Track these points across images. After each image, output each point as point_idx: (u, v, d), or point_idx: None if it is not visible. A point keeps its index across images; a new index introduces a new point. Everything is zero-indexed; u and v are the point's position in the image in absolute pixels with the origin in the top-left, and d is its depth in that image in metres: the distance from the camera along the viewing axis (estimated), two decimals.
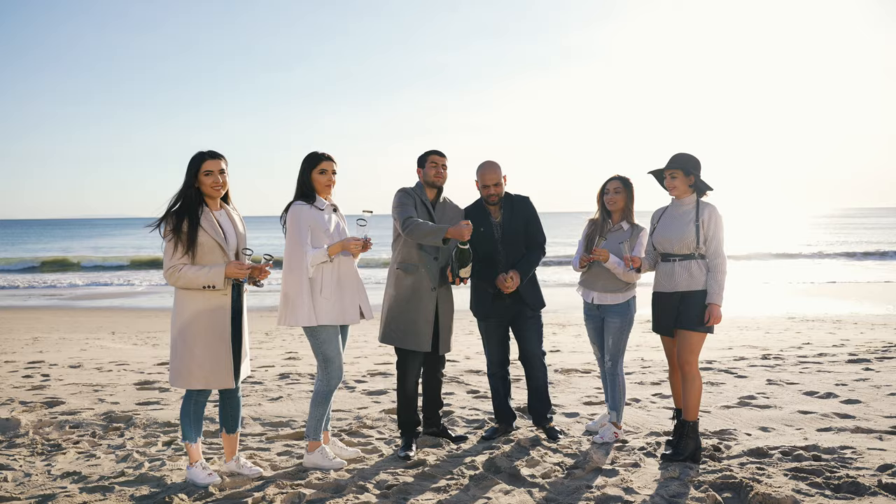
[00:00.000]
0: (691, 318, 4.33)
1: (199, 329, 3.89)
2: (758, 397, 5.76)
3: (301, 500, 3.71)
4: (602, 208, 4.87)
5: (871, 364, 6.98)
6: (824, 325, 11.82)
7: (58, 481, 4.11)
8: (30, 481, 4.12)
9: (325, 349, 4.19)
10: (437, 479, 4.01)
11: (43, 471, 4.30)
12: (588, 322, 4.95)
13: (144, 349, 10.61)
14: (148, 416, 5.52)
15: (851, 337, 9.83)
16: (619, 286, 4.73)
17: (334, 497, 3.73)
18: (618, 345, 4.75)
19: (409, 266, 4.60)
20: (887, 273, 24.22)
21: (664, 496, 3.72)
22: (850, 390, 5.90)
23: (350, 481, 3.96)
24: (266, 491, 3.82)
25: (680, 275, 4.38)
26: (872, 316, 13.00)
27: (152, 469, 4.27)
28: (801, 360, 7.36)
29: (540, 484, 3.92)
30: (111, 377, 7.42)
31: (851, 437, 4.65)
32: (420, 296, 4.57)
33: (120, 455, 4.58)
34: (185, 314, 3.91)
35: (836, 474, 3.91)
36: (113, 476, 4.17)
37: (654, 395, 5.98)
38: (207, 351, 3.89)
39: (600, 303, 4.79)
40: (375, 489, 3.85)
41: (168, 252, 3.87)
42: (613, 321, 4.74)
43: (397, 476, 4.07)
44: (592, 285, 4.82)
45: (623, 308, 4.74)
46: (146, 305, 18.22)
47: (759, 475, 3.94)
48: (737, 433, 4.81)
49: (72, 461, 4.49)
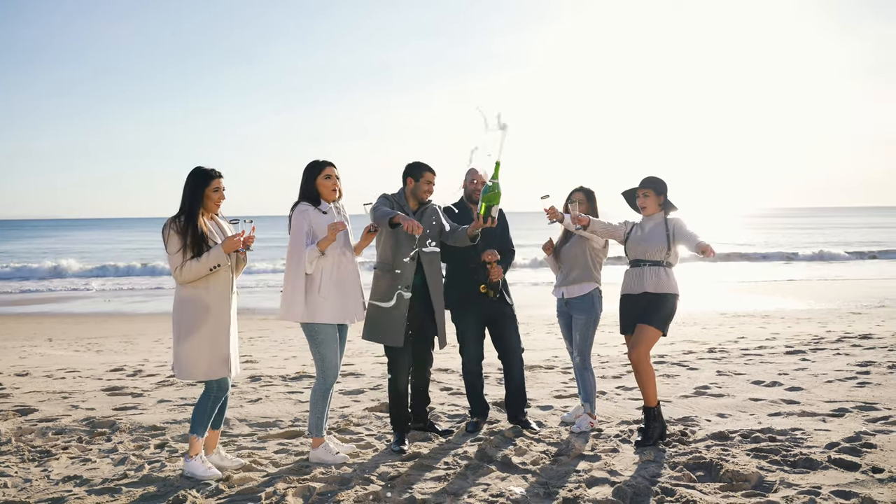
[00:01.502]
0: (654, 316, 4.74)
1: (202, 322, 4.12)
2: (711, 387, 6.25)
3: (311, 493, 3.90)
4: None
5: (807, 355, 7.63)
6: (754, 319, 12.64)
7: (60, 485, 4.17)
8: (31, 486, 4.16)
9: (321, 348, 4.40)
10: (435, 469, 4.27)
11: (41, 476, 4.34)
12: (560, 319, 5.32)
13: (89, 356, 10.42)
14: (131, 421, 5.56)
15: (780, 330, 10.59)
16: (583, 278, 5.09)
17: (342, 489, 3.94)
18: (585, 340, 5.09)
19: (385, 266, 4.80)
20: (809, 271, 25.82)
21: (645, 476, 4.10)
22: (792, 379, 6.47)
23: (354, 475, 4.17)
24: (276, 486, 4.00)
25: (649, 278, 4.79)
26: (797, 311, 13.95)
27: (153, 470, 4.37)
28: (744, 352, 7.96)
29: (531, 470, 4.24)
30: (72, 384, 7.34)
31: (799, 420, 5.15)
32: (394, 295, 4.74)
33: (116, 458, 4.65)
34: (187, 310, 4.13)
35: (792, 452, 4.37)
36: (116, 478, 4.25)
37: (617, 387, 6.40)
38: (209, 343, 4.12)
39: (568, 297, 5.16)
40: (380, 480, 4.08)
41: (175, 255, 4.08)
42: (579, 318, 5.09)
43: (397, 468, 4.31)
44: (563, 281, 5.19)
45: (587, 303, 5.08)
46: (80, 311, 17.70)
47: (724, 455, 4.36)
48: (698, 419, 5.25)
49: (67, 466, 4.53)
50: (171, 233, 4.11)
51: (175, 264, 4.08)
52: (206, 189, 4.15)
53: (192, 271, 4.07)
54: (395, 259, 4.75)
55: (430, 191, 4.88)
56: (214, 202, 4.20)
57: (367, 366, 7.96)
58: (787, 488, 3.84)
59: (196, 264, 4.07)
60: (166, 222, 4.16)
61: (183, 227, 4.11)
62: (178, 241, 4.09)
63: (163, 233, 4.14)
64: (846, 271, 25.41)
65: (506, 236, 5.26)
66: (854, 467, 4.12)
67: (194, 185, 4.15)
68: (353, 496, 3.81)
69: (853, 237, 47.13)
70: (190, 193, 4.15)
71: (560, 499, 3.78)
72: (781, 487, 3.85)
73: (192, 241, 4.09)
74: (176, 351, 4.14)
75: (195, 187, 4.15)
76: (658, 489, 3.86)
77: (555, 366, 7.51)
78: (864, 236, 47.47)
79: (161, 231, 4.16)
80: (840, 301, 15.75)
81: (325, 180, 4.45)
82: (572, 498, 3.78)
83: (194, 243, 4.09)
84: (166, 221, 4.16)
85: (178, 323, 4.15)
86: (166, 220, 4.17)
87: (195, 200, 4.14)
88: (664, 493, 3.80)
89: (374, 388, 6.65)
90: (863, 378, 6.37)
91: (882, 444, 4.49)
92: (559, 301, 5.28)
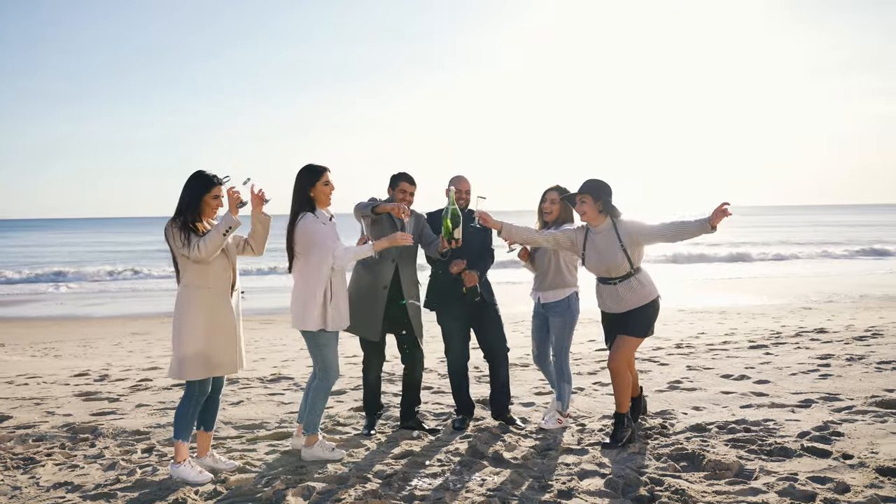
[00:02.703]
0: (633, 327, 4.73)
1: (205, 321, 4.15)
2: (683, 381, 6.49)
3: (311, 492, 3.95)
4: (540, 217, 5.35)
5: (770, 349, 7.96)
6: (712, 316, 13.08)
7: (52, 492, 4.13)
8: (22, 493, 4.11)
9: (325, 352, 4.46)
10: (430, 466, 4.36)
11: (30, 483, 4.28)
12: (534, 320, 5.44)
13: (48, 361, 10.21)
14: (113, 426, 5.51)
15: (738, 326, 10.99)
16: (558, 284, 5.22)
17: (342, 487, 4.00)
18: (561, 342, 5.21)
19: (366, 262, 4.98)
20: (761, 268, 26.70)
21: (632, 468, 4.26)
22: (759, 372, 6.76)
23: (350, 473, 4.23)
24: (275, 486, 4.03)
25: (625, 295, 4.70)
26: (751, 307, 14.45)
27: (146, 474, 4.36)
28: (710, 347, 8.25)
29: (523, 464, 4.37)
30: (38, 390, 7.20)
31: (770, 412, 5.40)
32: (374, 291, 4.97)
33: (105, 464, 4.61)
34: (189, 308, 4.15)
35: (767, 442, 4.60)
36: (109, 483, 4.23)
37: (594, 383, 6.59)
38: (212, 345, 4.16)
39: (545, 301, 5.28)
40: (377, 478, 4.15)
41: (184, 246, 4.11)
42: (556, 321, 5.21)
43: (392, 466, 4.38)
44: (540, 287, 5.32)
45: (564, 307, 5.19)
46: (31, 315, 17.20)
47: (705, 446, 4.56)
48: (675, 413, 5.46)
49: (55, 472, 4.48)
50: (174, 230, 4.13)
51: (189, 247, 4.08)
52: (206, 196, 4.16)
53: (209, 243, 4.06)
54: (376, 259, 4.94)
55: (405, 200, 5.06)
56: (213, 208, 4.20)
57: (343, 367, 7.99)
58: (767, 475, 4.04)
59: (209, 236, 4.08)
60: (167, 224, 4.17)
61: (182, 224, 4.13)
62: (181, 234, 4.12)
63: (165, 234, 4.15)
64: (797, 268, 26.37)
65: (488, 239, 5.39)
66: (826, 454, 4.36)
67: (194, 189, 4.15)
68: (354, 494, 3.88)
69: (811, 236, 48.70)
70: (189, 197, 4.15)
71: (555, 491, 3.91)
72: (762, 475, 4.06)
73: (193, 230, 4.15)
74: (182, 351, 4.15)
75: (195, 192, 4.15)
76: (647, 479, 4.03)
77: (529, 363, 7.66)
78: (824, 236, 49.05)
79: (164, 234, 4.16)
80: (791, 297, 16.36)
81: (324, 187, 4.47)
82: (567, 490, 3.91)
83: (195, 231, 4.15)
84: (167, 223, 4.17)
85: (178, 323, 4.17)
86: (167, 223, 4.18)
87: (193, 205, 4.15)
88: (653, 483, 3.97)
89: (354, 388, 6.69)
90: (824, 370, 6.69)
91: (849, 433, 4.75)
92: (536, 304, 5.40)
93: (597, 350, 8.50)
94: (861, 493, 3.74)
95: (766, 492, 3.81)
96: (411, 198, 5.09)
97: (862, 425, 4.91)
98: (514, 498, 3.83)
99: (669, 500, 3.73)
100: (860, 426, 4.90)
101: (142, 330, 13.84)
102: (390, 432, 5.16)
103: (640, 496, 3.82)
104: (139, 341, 12.25)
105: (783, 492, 3.78)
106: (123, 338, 12.78)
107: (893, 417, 5.05)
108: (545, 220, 5.30)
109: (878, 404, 5.41)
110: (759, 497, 3.74)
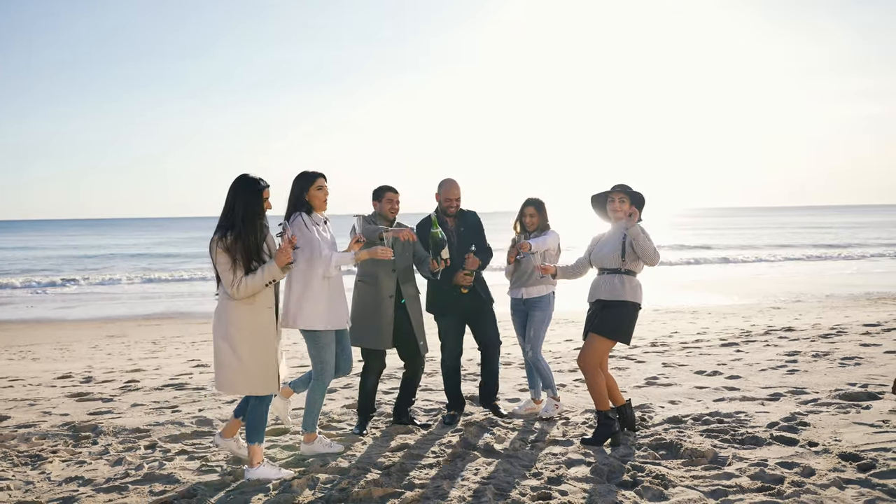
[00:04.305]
0: (603, 325, 4.92)
1: (248, 339, 4.18)
2: (659, 378, 6.82)
3: (315, 483, 4.18)
4: (522, 227, 5.75)
5: (740, 347, 8.34)
6: (684, 315, 13.51)
7: (64, 486, 4.30)
8: (35, 488, 4.27)
9: (323, 352, 4.68)
10: (425, 458, 4.61)
11: (41, 479, 4.44)
12: (515, 317, 5.78)
13: (25, 364, 10.25)
14: (113, 425, 5.66)
15: (710, 325, 11.40)
16: (541, 282, 5.61)
17: (344, 478, 4.23)
18: (538, 335, 5.61)
19: (369, 278, 5.23)
20: (732, 270, 27.33)
21: (616, 457, 4.56)
22: (730, 369, 7.12)
23: (350, 466, 4.47)
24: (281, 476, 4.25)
25: (603, 285, 4.98)
26: (722, 307, 14.93)
27: (153, 469, 4.54)
28: (683, 345, 8.62)
29: (513, 455, 4.64)
30: (27, 392, 7.29)
31: (741, 405, 5.74)
32: (380, 302, 5.20)
33: (111, 459, 4.78)
34: (233, 325, 4.17)
35: (739, 431, 4.93)
36: (119, 477, 4.41)
37: (575, 380, 6.89)
38: (255, 360, 4.20)
39: (528, 297, 5.64)
40: (377, 469, 4.39)
41: (227, 273, 4.09)
42: (536, 314, 5.61)
43: (389, 458, 4.63)
44: (523, 283, 5.65)
45: (545, 303, 5.63)
46: (1, 318, 17.06)
47: (682, 437, 4.88)
48: (653, 406, 5.78)
49: (64, 468, 4.65)
50: (219, 250, 4.07)
51: (228, 281, 4.07)
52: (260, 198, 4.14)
53: (248, 287, 4.07)
54: (378, 272, 5.19)
55: (393, 209, 5.32)
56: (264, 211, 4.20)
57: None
58: (740, 462, 4.36)
59: (251, 280, 4.07)
60: (213, 239, 4.11)
61: (231, 244, 4.07)
62: (227, 259, 4.06)
63: (210, 250, 4.12)
64: (766, 269, 27.07)
65: (482, 237, 5.67)
66: (793, 443, 4.70)
67: (247, 195, 4.10)
68: (356, 483, 4.11)
69: (781, 237, 49.75)
70: (241, 205, 4.09)
71: (545, 478, 4.19)
72: (734, 461, 4.38)
73: (242, 257, 4.08)
74: (227, 365, 4.18)
75: (248, 198, 4.10)
76: (630, 466, 4.32)
77: (511, 362, 7.95)
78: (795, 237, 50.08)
79: (209, 248, 4.13)
80: (760, 297, 16.91)
81: (317, 191, 4.68)
82: (556, 477, 4.20)
83: (245, 259, 4.09)
84: (213, 238, 4.12)
85: (226, 338, 4.17)
86: (213, 237, 4.12)
87: (247, 213, 4.09)
88: (636, 470, 4.26)
89: (344, 386, 6.92)
90: (791, 366, 7.07)
91: (814, 423, 5.10)
92: (515, 300, 5.74)
93: (574, 349, 8.81)
94: (825, 476, 4.07)
95: (739, 476, 4.12)
96: (398, 205, 5.34)
97: (826, 416, 5.27)
98: (507, 484, 4.09)
99: (651, 484, 4.03)
100: (825, 417, 5.25)
101: (118, 332, 13.88)
102: (384, 427, 5.40)
103: (624, 481, 4.11)
104: (117, 344, 12.32)
105: (754, 476, 4.10)
106: (100, 340, 12.82)
107: (855, 409, 5.42)
108: (528, 230, 5.70)
109: (841, 397, 5.79)
110: (732, 480, 4.06)
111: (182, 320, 15.92)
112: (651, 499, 3.87)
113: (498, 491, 3.99)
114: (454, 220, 5.59)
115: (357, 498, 3.93)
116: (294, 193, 4.70)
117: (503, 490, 4.01)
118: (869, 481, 3.97)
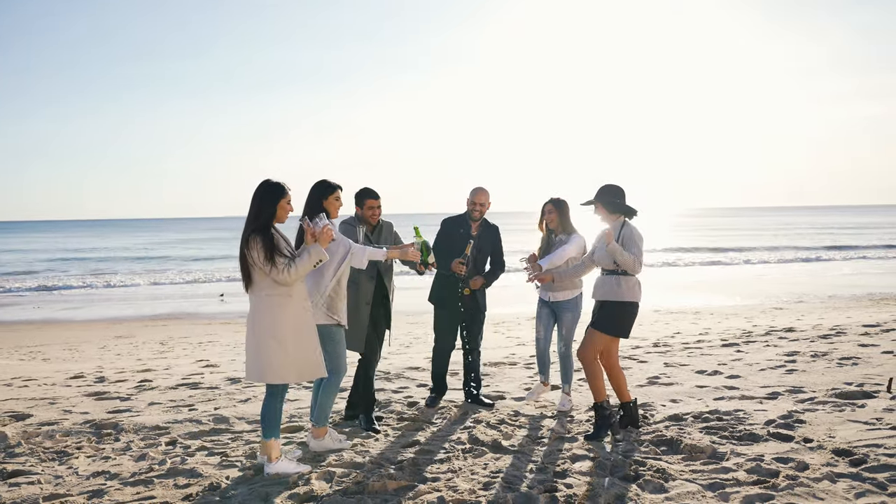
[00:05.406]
0: (600, 320, 5.18)
1: (292, 332, 4.44)
2: (661, 377, 7.02)
3: (332, 476, 4.38)
4: (546, 227, 6.05)
5: (741, 347, 8.53)
6: (686, 316, 13.69)
7: (92, 480, 4.51)
8: (65, 482, 4.48)
9: (339, 348, 4.91)
10: (437, 454, 4.82)
11: (70, 473, 4.65)
12: (541, 311, 6.13)
13: (36, 364, 10.43)
14: (133, 422, 5.87)
15: (712, 326, 11.58)
16: (569, 286, 5.92)
17: (360, 472, 4.44)
18: (570, 333, 5.98)
19: (350, 281, 5.34)
20: (735, 270, 27.47)
21: (619, 452, 4.76)
22: (730, 368, 7.31)
23: (365, 461, 4.67)
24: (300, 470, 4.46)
25: (601, 286, 5.22)
26: (724, 307, 15.10)
27: (176, 464, 4.75)
28: (685, 346, 8.81)
29: (520, 451, 4.84)
30: (46, 392, 7.49)
31: (740, 403, 5.94)
32: (358, 308, 5.41)
33: (135, 455, 4.99)
34: (277, 320, 4.41)
35: (737, 428, 5.13)
36: (144, 472, 4.61)
37: (580, 379, 7.08)
38: (301, 350, 4.48)
39: (555, 300, 5.97)
40: (391, 465, 4.59)
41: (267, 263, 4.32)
42: (566, 315, 5.96)
43: (402, 453, 4.83)
44: (549, 287, 5.98)
45: (573, 304, 5.98)
46: (10, 319, 17.29)
47: (682, 433, 5.07)
48: (654, 405, 5.97)
49: (90, 463, 4.85)
50: (258, 245, 4.31)
51: (277, 269, 4.30)
52: (282, 200, 4.40)
53: (299, 269, 4.34)
54: (358, 276, 5.39)
55: (375, 215, 5.52)
56: (286, 212, 4.46)
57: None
58: (737, 457, 4.56)
59: (300, 262, 4.35)
60: (249, 237, 4.34)
61: (262, 241, 4.31)
62: (263, 251, 4.30)
63: (243, 251, 4.36)
64: (769, 269, 27.22)
65: (498, 252, 6.15)
66: (789, 439, 4.89)
67: (270, 198, 4.36)
68: (371, 477, 4.31)
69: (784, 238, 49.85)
70: (264, 207, 4.36)
71: (551, 472, 4.39)
72: (732, 456, 4.57)
73: (280, 246, 4.37)
74: (264, 355, 4.39)
75: (269, 201, 4.36)
76: (632, 461, 4.52)
77: (516, 362, 8.15)
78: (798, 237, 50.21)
79: (240, 249, 4.39)
80: (762, 297, 17.07)
81: (335, 201, 4.92)
82: (561, 471, 4.40)
83: (282, 248, 4.38)
84: (249, 237, 4.34)
85: (273, 334, 4.39)
86: (244, 238, 4.36)
87: (269, 214, 4.36)
88: (637, 465, 4.46)
89: (347, 389, 7.10)
90: (790, 366, 7.26)
91: (810, 420, 5.30)
92: (543, 300, 6.06)
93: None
94: (818, 470, 4.27)
95: (736, 470, 4.32)
96: (379, 211, 5.51)
97: (822, 414, 5.46)
98: (515, 478, 4.29)
99: (652, 477, 4.23)
100: (820, 415, 5.45)
101: (126, 333, 14.10)
102: (395, 425, 5.60)
103: (627, 475, 4.32)
104: (125, 344, 12.53)
105: (751, 470, 4.30)
106: (108, 341, 13.03)
107: (850, 407, 5.61)
108: (550, 229, 6.00)
109: (837, 396, 5.98)
110: (729, 475, 4.25)
111: (188, 321, 16.14)
112: (652, 491, 4.07)
113: (506, 484, 4.20)
114: (478, 227, 6.02)
115: (373, 490, 4.14)
116: (314, 197, 4.92)
117: (511, 483, 4.22)
118: (860, 475, 4.17)
